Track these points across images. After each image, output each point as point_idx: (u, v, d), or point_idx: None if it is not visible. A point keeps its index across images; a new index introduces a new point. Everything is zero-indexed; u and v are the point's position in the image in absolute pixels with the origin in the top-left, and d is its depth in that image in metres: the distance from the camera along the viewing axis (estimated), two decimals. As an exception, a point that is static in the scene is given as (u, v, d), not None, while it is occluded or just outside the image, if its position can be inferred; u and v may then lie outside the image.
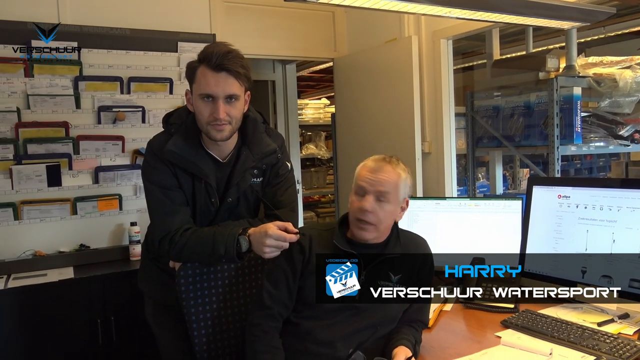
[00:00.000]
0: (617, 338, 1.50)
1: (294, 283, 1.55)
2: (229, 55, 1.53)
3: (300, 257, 1.56)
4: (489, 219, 2.15)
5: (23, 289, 2.48)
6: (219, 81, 1.54)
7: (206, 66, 1.54)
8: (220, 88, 1.54)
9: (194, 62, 1.58)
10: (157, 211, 1.65)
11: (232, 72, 1.54)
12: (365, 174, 1.55)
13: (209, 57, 1.53)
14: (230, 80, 1.55)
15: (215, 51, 1.53)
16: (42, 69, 2.85)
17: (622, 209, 1.72)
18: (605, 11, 2.13)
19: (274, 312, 1.54)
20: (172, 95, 3.18)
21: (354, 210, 1.55)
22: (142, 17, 3.15)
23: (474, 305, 1.90)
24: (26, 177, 2.78)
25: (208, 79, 1.54)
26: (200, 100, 1.56)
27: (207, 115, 1.56)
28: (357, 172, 1.59)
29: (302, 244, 1.57)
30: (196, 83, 1.57)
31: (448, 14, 1.95)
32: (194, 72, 1.57)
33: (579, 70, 2.89)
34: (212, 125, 1.57)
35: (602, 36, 4.37)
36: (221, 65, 1.52)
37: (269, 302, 1.54)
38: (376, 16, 3.59)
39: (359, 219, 1.54)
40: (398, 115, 3.36)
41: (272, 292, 1.55)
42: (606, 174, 5.75)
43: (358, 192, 1.55)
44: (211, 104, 1.56)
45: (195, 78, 1.57)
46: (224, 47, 1.56)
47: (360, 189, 1.55)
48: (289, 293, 1.55)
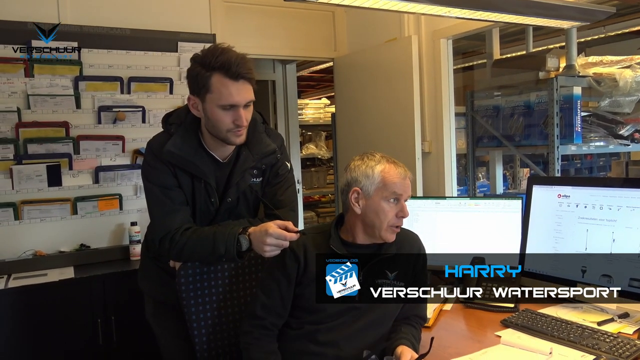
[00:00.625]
0: (617, 337, 1.50)
1: (288, 292, 1.55)
2: (244, 61, 1.52)
3: (295, 266, 1.55)
4: (489, 219, 2.16)
5: (23, 288, 2.49)
6: (240, 90, 1.53)
7: (224, 75, 1.51)
8: (242, 96, 1.54)
9: (200, 69, 1.53)
10: (157, 211, 1.65)
11: (249, 79, 1.54)
12: (398, 180, 1.53)
13: (226, 66, 1.50)
14: (247, 86, 1.55)
15: (232, 59, 1.50)
16: (43, 69, 2.85)
17: (622, 208, 1.72)
18: (605, 11, 2.13)
19: (265, 322, 1.54)
20: (172, 95, 3.18)
21: (389, 216, 1.53)
22: (142, 17, 3.15)
23: (474, 305, 1.91)
24: (26, 177, 2.79)
25: (230, 89, 1.52)
26: (221, 110, 1.55)
27: (229, 123, 1.56)
28: (384, 177, 1.53)
29: (297, 252, 1.55)
30: (214, 93, 1.53)
31: (448, 14, 1.95)
32: (207, 81, 1.52)
33: (579, 70, 2.89)
34: (233, 132, 1.57)
35: (602, 36, 4.37)
36: (240, 74, 1.51)
37: (261, 312, 1.54)
38: (376, 16, 3.59)
39: (397, 225, 1.55)
40: (398, 115, 3.36)
41: (264, 302, 1.55)
42: (606, 174, 5.75)
43: (393, 199, 1.54)
44: (232, 112, 1.55)
45: (212, 88, 1.53)
46: (233, 52, 1.53)
47: (397, 196, 1.53)
48: (282, 302, 1.55)
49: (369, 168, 1.54)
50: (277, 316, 1.55)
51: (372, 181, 1.53)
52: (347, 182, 1.57)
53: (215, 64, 1.51)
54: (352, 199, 1.55)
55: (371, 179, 1.53)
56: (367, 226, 1.56)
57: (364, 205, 1.54)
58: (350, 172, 1.57)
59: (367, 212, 1.54)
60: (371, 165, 1.54)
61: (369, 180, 1.53)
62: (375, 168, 1.54)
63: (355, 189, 1.54)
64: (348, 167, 1.59)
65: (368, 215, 1.54)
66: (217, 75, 1.52)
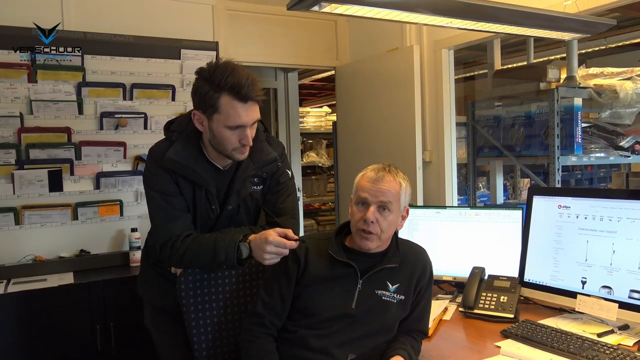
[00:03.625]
0: (617, 349, 1.50)
1: (288, 292, 1.56)
2: (253, 83, 1.53)
3: (295, 267, 1.57)
4: (489, 229, 2.16)
5: (23, 293, 2.48)
6: (248, 112, 1.54)
7: (234, 97, 1.51)
8: (250, 117, 1.55)
9: (209, 88, 1.52)
10: (158, 217, 1.66)
11: (257, 100, 1.55)
12: (366, 184, 1.55)
13: (236, 88, 1.49)
14: (255, 107, 1.56)
15: (243, 81, 1.50)
16: (46, 74, 2.86)
17: (622, 219, 1.72)
18: (606, 23, 2.14)
19: (265, 320, 1.55)
20: (174, 102, 3.20)
21: (356, 220, 1.56)
22: (146, 24, 3.17)
23: (474, 315, 1.90)
24: (28, 182, 2.79)
25: (239, 112, 1.52)
26: (228, 130, 1.55)
27: (235, 142, 1.57)
28: (357, 182, 1.59)
29: (298, 254, 1.57)
30: (222, 114, 1.53)
31: (449, 25, 1.96)
32: (216, 102, 1.52)
33: (580, 81, 2.90)
34: (238, 150, 1.59)
35: (602, 47, 4.39)
36: (249, 96, 1.52)
37: (262, 310, 1.56)
38: (378, 25, 3.61)
39: (362, 229, 1.54)
40: (399, 124, 3.37)
41: (266, 300, 1.57)
42: (607, 185, 5.75)
43: (360, 203, 1.56)
44: (239, 132, 1.56)
45: (220, 108, 1.52)
46: (243, 73, 1.52)
47: (362, 200, 1.55)
48: (282, 302, 1.56)
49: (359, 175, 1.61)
50: (277, 315, 1.56)
51: (354, 188, 1.61)
52: None
53: (225, 84, 1.50)
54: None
55: (354, 186, 1.61)
56: None
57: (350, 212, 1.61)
58: None
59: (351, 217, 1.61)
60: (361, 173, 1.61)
61: (354, 187, 1.61)
62: (359, 175, 1.61)
63: (351, 196, 1.61)
64: None
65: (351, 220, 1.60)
66: (226, 97, 1.51)
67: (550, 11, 2.03)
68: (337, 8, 1.64)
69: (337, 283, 1.56)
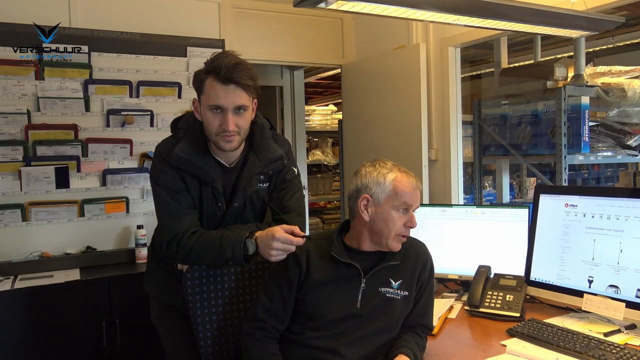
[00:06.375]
0: (624, 349, 1.49)
1: (290, 297, 1.55)
2: (237, 67, 1.53)
3: (296, 271, 1.55)
4: (496, 227, 2.15)
5: (29, 290, 2.50)
6: (227, 93, 1.54)
7: (215, 78, 1.53)
8: (230, 100, 1.54)
9: (201, 72, 1.58)
10: (165, 214, 1.66)
11: (241, 85, 1.54)
12: (409, 190, 1.52)
13: (217, 69, 1.52)
14: (239, 92, 1.55)
15: (224, 63, 1.52)
16: (53, 72, 2.88)
17: (629, 218, 1.71)
18: (614, 20, 2.12)
19: (267, 325, 1.54)
20: (180, 99, 3.21)
21: (399, 226, 1.53)
22: (152, 22, 3.18)
23: (480, 314, 1.90)
24: (35, 179, 2.81)
25: (217, 91, 1.54)
26: (209, 112, 1.57)
27: (216, 127, 1.57)
28: (396, 186, 1.51)
29: (299, 257, 1.55)
30: (205, 94, 1.57)
31: (456, 22, 1.95)
32: (202, 83, 1.57)
33: (587, 80, 2.88)
34: (221, 136, 1.58)
35: (610, 46, 4.37)
36: (230, 78, 1.52)
37: (263, 315, 1.54)
38: (384, 23, 3.60)
39: (404, 235, 1.55)
40: (405, 122, 3.37)
41: (267, 305, 1.55)
42: (614, 184, 5.72)
43: (403, 209, 1.53)
44: (220, 115, 1.56)
45: (204, 89, 1.56)
46: (232, 58, 1.55)
47: (406, 205, 1.53)
48: (284, 307, 1.55)
49: (380, 175, 1.53)
50: (279, 320, 1.55)
51: (383, 189, 1.52)
52: (357, 187, 1.55)
53: (209, 67, 1.55)
54: (361, 206, 1.53)
55: (382, 187, 1.52)
56: (374, 233, 1.55)
57: (373, 213, 1.53)
58: (361, 178, 1.55)
59: (376, 219, 1.53)
60: (383, 173, 1.53)
61: (380, 187, 1.52)
62: (388, 176, 1.52)
63: (365, 195, 1.53)
64: (358, 173, 1.57)
65: (376, 222, 1.53)
66: (210, 78, 1.55)
67: (557, 8, 2.02)
68: (343, 5, 1.64)
69: (340, 284, 1.55)
